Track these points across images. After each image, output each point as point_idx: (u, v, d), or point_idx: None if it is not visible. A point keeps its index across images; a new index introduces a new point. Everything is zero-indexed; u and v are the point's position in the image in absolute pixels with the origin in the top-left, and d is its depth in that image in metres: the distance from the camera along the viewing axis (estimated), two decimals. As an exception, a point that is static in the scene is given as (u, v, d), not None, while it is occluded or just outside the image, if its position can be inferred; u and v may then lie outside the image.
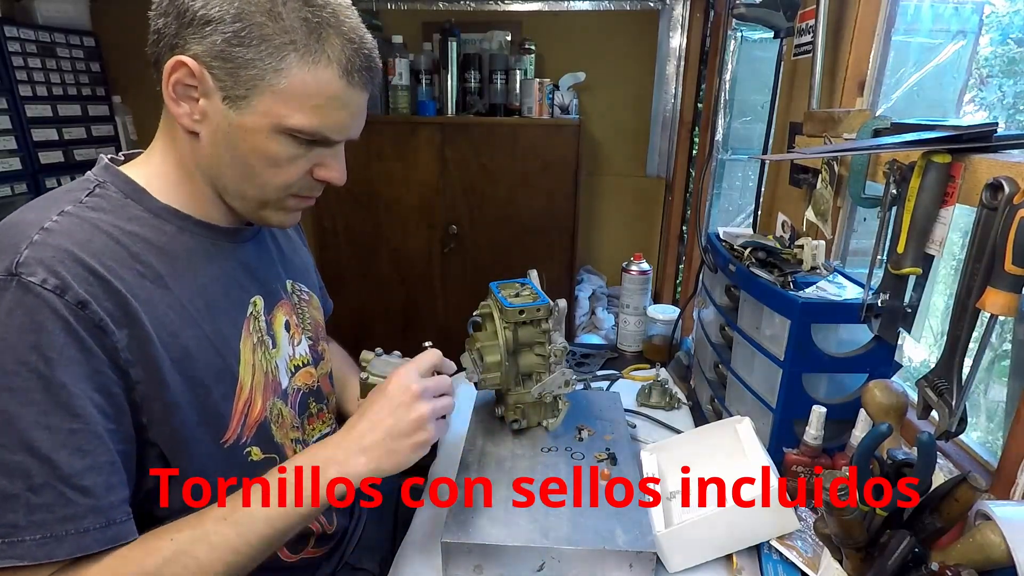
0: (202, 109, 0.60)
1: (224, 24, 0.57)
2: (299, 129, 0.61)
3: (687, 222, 2.17)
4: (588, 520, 0.75)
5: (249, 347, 0.70)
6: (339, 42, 0.60)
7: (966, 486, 0.59)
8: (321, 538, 0.82)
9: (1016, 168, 0.59)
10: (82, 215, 0.59)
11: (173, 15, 0.58)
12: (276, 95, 0.59)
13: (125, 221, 0.62)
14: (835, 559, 0.66)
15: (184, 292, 0.63)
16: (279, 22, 0.57)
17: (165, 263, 0.62)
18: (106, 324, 0.55)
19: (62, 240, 0.56)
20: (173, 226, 0.65)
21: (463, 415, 0.99)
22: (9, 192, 1.91)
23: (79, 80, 2.14)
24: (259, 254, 0.77)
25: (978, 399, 0.92)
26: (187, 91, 0.60)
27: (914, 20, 1.08)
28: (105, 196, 0.62)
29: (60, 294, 0.53)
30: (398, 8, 2.39)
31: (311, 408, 0.82)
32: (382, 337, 2.48)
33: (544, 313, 0.89)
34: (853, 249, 1.14)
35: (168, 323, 0.61)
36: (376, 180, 2.21)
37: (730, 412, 0.99)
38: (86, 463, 0.54)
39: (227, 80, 0.59)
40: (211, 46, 0.57)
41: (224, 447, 0.67)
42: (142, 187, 0.64)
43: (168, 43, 0.59)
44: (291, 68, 0.59)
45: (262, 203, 0.67)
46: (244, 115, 0.60)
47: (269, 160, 0.63)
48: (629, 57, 2.36)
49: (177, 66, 0.58)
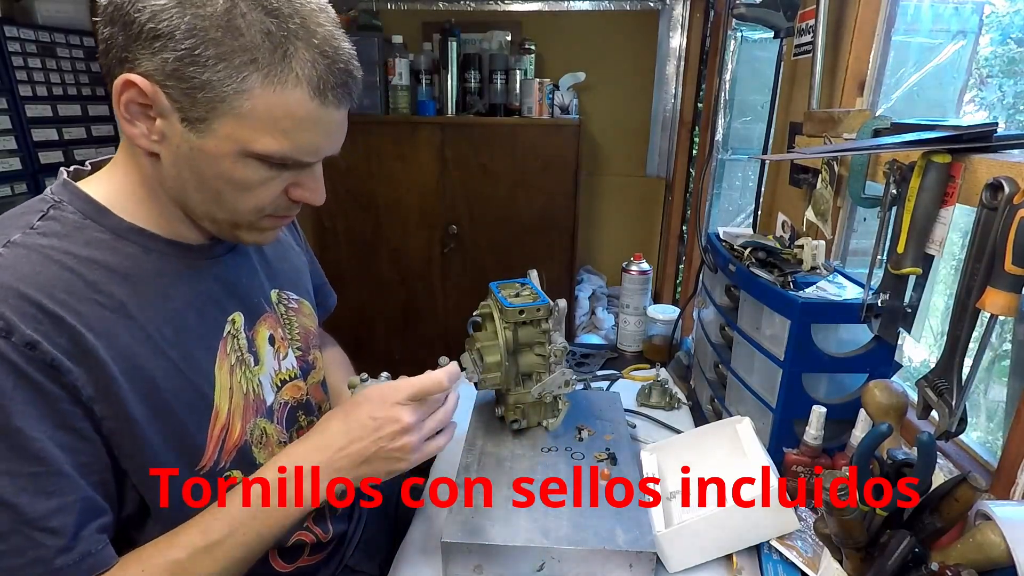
0: (159, 130, 0.55)
1: (175, 40, 0.50)
2: (267, 154, 0.56)
3: (687, 222, 2.17)
4: (588, 520, 0.75)
5: (226, 370, 0.66)
6: (309, 56, 0.54)
7: (966, 486, 0.59)
8: (316, 546, 0.80)
9: (1016, 168, 0.59)
10: (30, 244, 0.55)
11: (119, 25, 0.52)
12: (239, 118, 0.53)
13: (81, 246, 0.57)
14: (835, 559, 0.66)
15: (150, 320, 0.59)
16: (238, 38, 0.51)
17: (127, 289, 0.58)
18: (60, 362, 0.52)
19: (6, 276, 0.52)
20: (138, 247, 0.60)
21: (463, 415, 0.99)
22: (9, 192, 1.91)
23: (79, 80, 2.13)
24: (238, 267, 0.72)
25: (978, 399, 0.92)
26: (142, 110, 0.54)
27: (914, 20, 1.08)
28: (60, 219, 0.57)
29: (6, 336, 0.50)
30: (398, 8, 2.39)
31: (300, 421, 0.78)
32: (382, 337, 2.48)
33: (544, 313, 0.89)
34: (853, 249, 1.14)
35: (131, 355, 0.57)
36: (376, 180, 2.21)
37: (730, 412, 0.99)
38: (51, 505, 0.52)
39: (183, 101, 0.53)
40: (162, 64, 0.51)
41: (202, 474, 0.64)
42: (104, 206, 0.59)
43: (117, 56, 0.53)
44: (254, 89, 0.52)
45: (234, 224, 0.62)
46: (205, 139, 0.54)
47: (237, 185, 0.58)
48: (629, 57, 2.36)
49: (127, 86, 0.52)
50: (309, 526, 0.79)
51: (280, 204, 0.62)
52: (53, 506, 0.52)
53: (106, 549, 0.56)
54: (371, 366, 0.80)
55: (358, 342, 2.37)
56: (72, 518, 0.53)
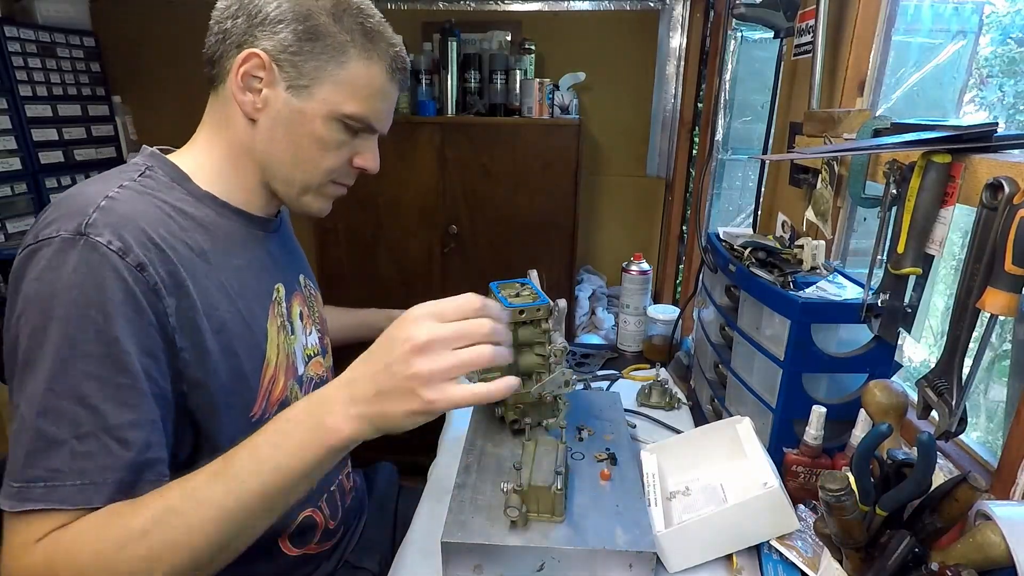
0: (265, 98, 0.68)
1: (295, 23, 0.66)
2: (352, 115, 0.70)
3: (687, 222, 2.17)
4: (588, 520, 0.75)
5: (275, 328, 0.76)
6: (386, 46, 0.71)
7: (966, 486, 0.59)
8: (324, 533, 0.84)
9: (1016, 168, 0.59)
10: (139, 188, 0.65)
11: (243, 16, 0.67)
12: (336, 84, 0.68)
13: (174, 200, 0.67)
14: (835, 559, 0.66)
15: (222, 270, 0.68)
16: (341, 24, 0.68)
17: (207, 241, 0.68)
18: (159, 288, 0.59)
19: (125, 208, 0.60)
20: (212, 210, 0.70)
21: (463, 415, 0.99)
22: (9, 192, 1.90)
23: (79, 80, 2.14)
24: (281, 246, 0.83)
25: (978, 399, 0.92)
26: (252, 82, 0.68)
27: (914, 20, 1.08)
28: (154, 178, 0.68)
29: (123, 255, 0.57)
30: (398, 8, 2.39)
31: None
32: (382, 337, 2.47)
33: (544, 313, 0.89)
34: (853, 249, 1.14)
35: (209, 296, 0.65)
36: (376, 180, 2.20)
37: (730, 412, 0.99)
38: (130, 418, 0.56)
39: (292, 71, 0.67)
40: (281, 42, 0.66)
41: (252, 421, 0.70)
42: (186, 173, 0.70)
43: (235, 41, 0.67)
44: (351, 61, 0.69)
45: (305, 188, 0.74)
46: (305, 102, 0.68)
47: (321, 144, 0.71)
48: (629, 57, 2.36)
49: (249, 57, 0.66)
50: (321, 505, 0.83)
51: (344, 171, 0.76)
52: (132, 418, 0.57)
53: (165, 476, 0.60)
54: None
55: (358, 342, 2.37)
56: (144, 435, 0.58)
